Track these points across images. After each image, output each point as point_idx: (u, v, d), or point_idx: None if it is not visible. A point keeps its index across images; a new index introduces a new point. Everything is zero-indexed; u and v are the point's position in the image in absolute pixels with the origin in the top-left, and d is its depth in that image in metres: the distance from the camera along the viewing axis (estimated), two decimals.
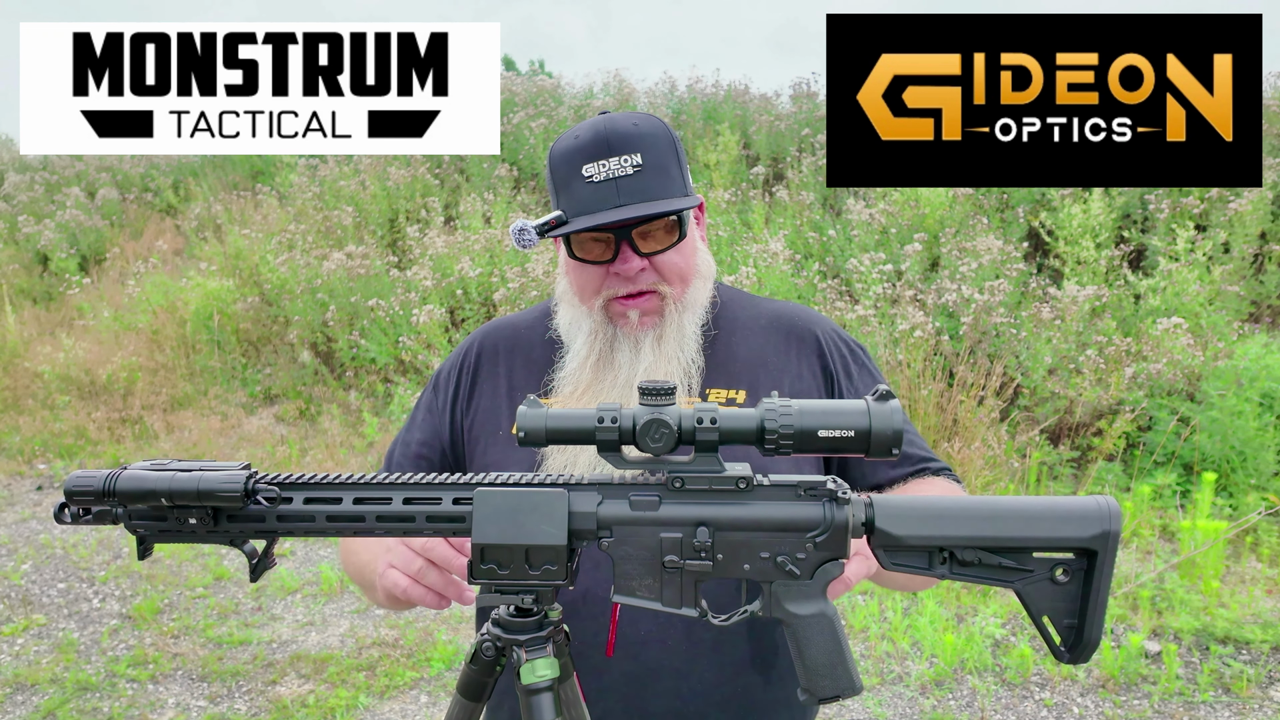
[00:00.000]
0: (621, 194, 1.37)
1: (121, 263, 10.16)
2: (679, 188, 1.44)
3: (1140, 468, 5.19)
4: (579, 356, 1.48)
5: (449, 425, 1.59)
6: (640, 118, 1.44)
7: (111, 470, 1.04)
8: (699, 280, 1.51)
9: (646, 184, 1.39)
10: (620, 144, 1.38)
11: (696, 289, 1.50)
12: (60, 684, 3.99)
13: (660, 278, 1.45)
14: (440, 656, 4.09)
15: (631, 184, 1.38)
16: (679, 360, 1.46)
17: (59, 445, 7.32)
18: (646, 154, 1.39)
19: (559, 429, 1.00)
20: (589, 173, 1.38)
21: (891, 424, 0.97)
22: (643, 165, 1.39)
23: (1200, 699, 3.56)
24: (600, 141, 1.39)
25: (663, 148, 1.42)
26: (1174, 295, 5.83)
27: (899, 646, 4.01)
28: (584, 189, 1.39)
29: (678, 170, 1.45)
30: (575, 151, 1.40)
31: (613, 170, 1.38)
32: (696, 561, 1.04)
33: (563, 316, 1.54)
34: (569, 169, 1.41)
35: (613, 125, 1.40)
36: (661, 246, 1.43)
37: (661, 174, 1.41)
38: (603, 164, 1.38)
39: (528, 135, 9.66)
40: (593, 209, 1.38)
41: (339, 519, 1.06)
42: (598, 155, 1.38)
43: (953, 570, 1.05)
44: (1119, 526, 1.00)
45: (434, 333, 6.83)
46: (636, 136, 1.40)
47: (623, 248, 1.41)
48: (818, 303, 6.13)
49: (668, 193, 1.41)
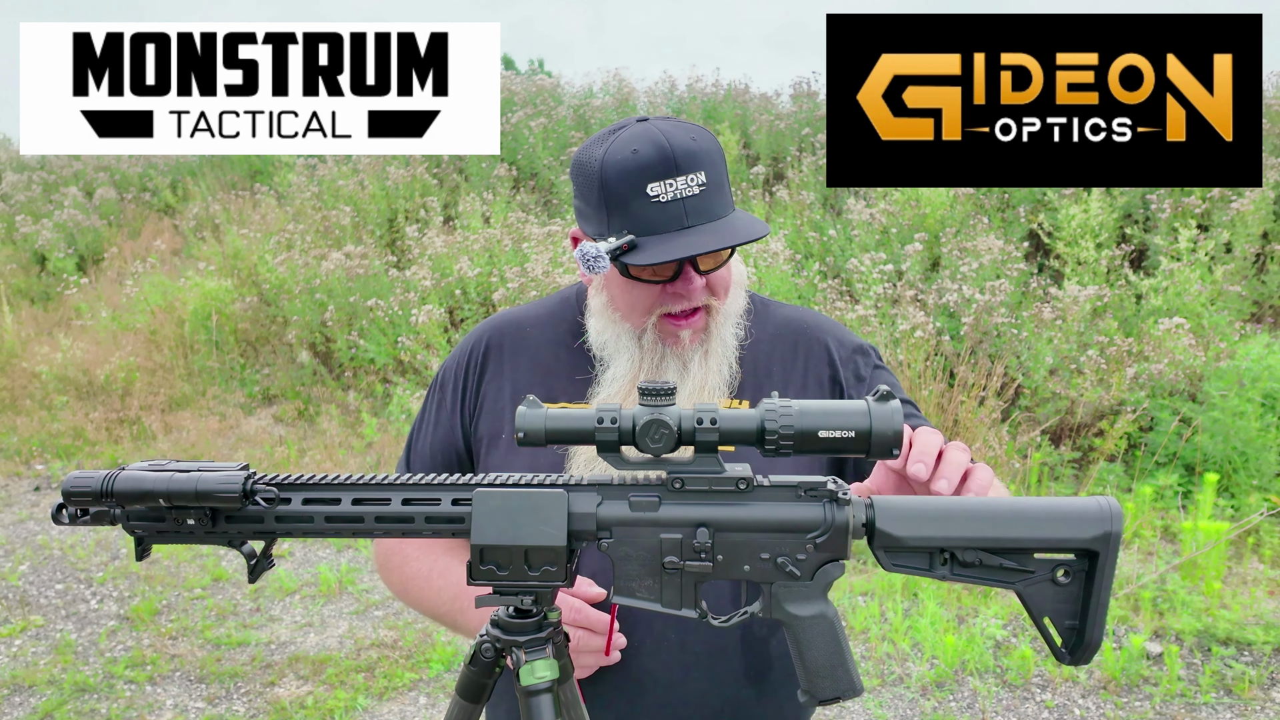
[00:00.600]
0: (689, 215, 1.33)
1: (119, 262, 10.14)
2: (731, 201, 1.42)
3: (1142, 468, 5.19)
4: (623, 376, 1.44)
5: (459, 427, 1.57)
6: (695, 131, 1.38)
7: (109, 471, 1.03)
8: (736, 289, 1.49)
9: (711, 203, 1.35)
10: (687, 162, 1.33)
11: (735, 298, 1.49)
12: (58, 685, 3.98)
13: (711, 293, 1.43)
14: (439, 658, 4.08)
15: (698, 204, 1.34)
16: (722, 374, 1.44)
17: (56, 446, 7.29)
18: (710, 171, 1.36)
19: (558, 429, 1.00)
20: (654, 192, 1.33)
21: (892, 424, 0.96)
22: (707, 184, 1.35)
23: (1202, 701, 3.55)
24: (667, 160, 1.33)
25: (719, 163, 1.39)
26: (1176, 295, 5.83)
27: (899, 648, 4.00)
28: (649, 209, 1.33)
29: (728, 184, 1.42)
30: (637, 170, 1.33)
31: (680, 190, 1.33)
32: (696, 562, 1.04)
33: (597, 330, 1.48)
34: (629, 187, 1.34)
35: (674, 141, 1.34)
36: (719, 264, 1.41)
37: (721, 191, 1.38)
38: (669, 183, 1.33)
39: (527, 135, 9.65)
40: (660, 230, 1.33)
41: (338, 520, 1.05)
42: (665, 174, 1.33)
43: (954, 571, 1.04)
44: (1120, 527, 1.00)
45: (433, 333, 6.81)
46: (701, 154, 1.35)
47: (685, 268, 1.38)
48: (818, 303, 6.12)
49: (726, 209, 1.39)
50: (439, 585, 1.51)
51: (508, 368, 1.55)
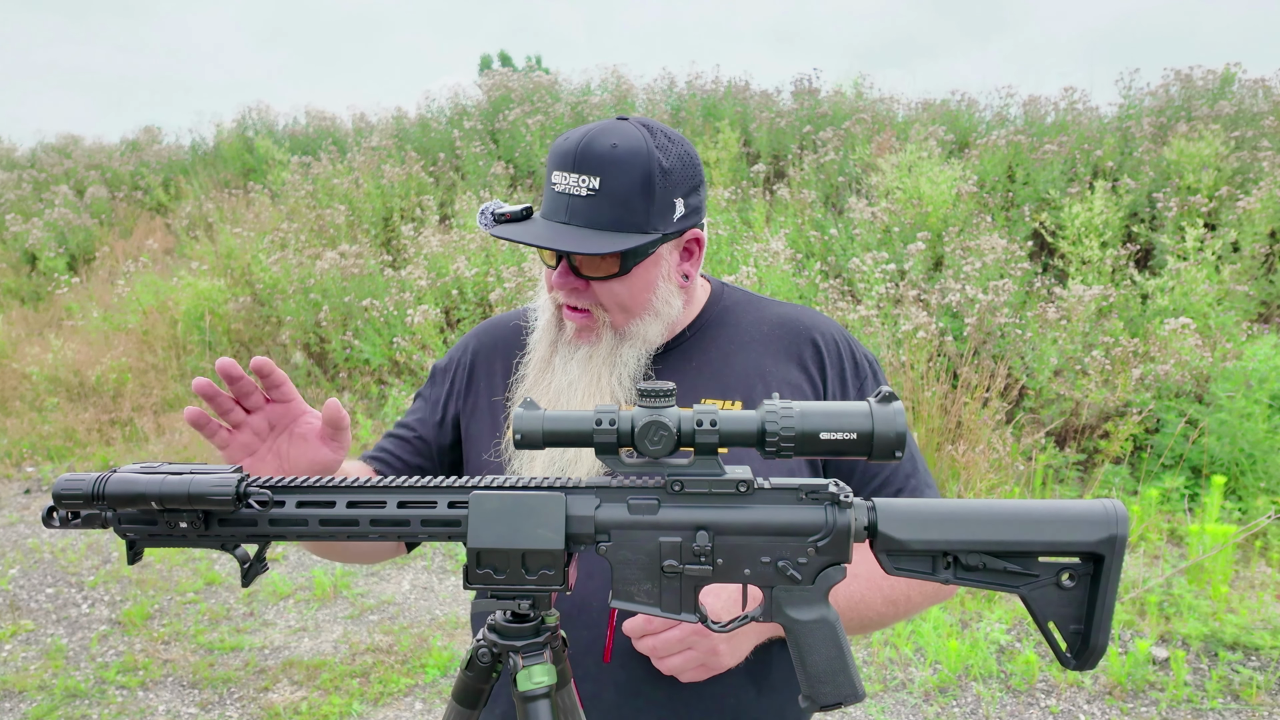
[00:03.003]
0: (569, 212, 1.37)
1: (111, 262, 10.14)
2: (638, 222, 1.37)
3: (1148, 471, 5.19)
4: (536, 350, 1.52)
5: (439, 418, 1.61)
6: (630, 142, 1.36)
7: (101, 473, 1.03)
8: (649, 316, 1.46)
9: (598, 211, 1.35)
10: (584, 163, 1.35)
11: (645, 324, 1.46)
12: (48, 691, 3.94)
13: (598, 302, 1.44)
14: (435, 663, 4.06)
15: (583, 205, 1.36)
16: (604, 383, 1.44)
17: (47, 448, 7.29)
18: (607, 180, 1.35)
19: (556, 431, 0.99)
20: (555, 180, 1.39)
21: (894, 426, 0.96)
22: (597, 191, 1.35)
23: (1209, 706, 3.52)
24: (569, 155, 1.37)
25: (632, 178, 1.35)
26: (1182, 295, 5.83)
27: (902, 653, 3.98)
28: (551, 193, 1.40)
29: (642, 204, 1.36)
30: (555, 154, 1.40)
31: (570, 187, 1.36)
32: (696, 566, 1.03)
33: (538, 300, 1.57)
34: (549, 168, 1.41)
35: (590, 141, 1.36)
36: (599, 275, 1.41)
37: (619, 204, 1.36)
38: (565, 176, 1.37)
39: (524, 132, 9.63)
40: (546, 215, 1.40)
41: (332, 523, 1.05)
42: (564, 166, 1.38)
43: (957, 575, 1.04)
44: (1126, 530, 1.00)
45: (429, 333, 6.81)
46: (607, 160, 1.35)
47: (563, 264, 1.41)
48: (819, 303, 6.11)
49: (620, 225, 1.36)
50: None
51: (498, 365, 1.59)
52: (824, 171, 8.40)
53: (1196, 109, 8.37)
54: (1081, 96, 9.07)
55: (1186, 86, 8.89)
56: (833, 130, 8.91)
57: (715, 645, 1.29)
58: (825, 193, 8.21)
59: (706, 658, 1.30)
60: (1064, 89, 9.20)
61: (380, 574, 5.04)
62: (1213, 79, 8.83)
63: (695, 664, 1.30)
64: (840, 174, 8.32)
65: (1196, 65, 8.95)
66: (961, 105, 9.70)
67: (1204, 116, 8.06)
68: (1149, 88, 9.14)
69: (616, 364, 1.45)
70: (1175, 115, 8.48)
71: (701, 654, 1.29)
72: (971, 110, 9.62)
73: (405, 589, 4.86)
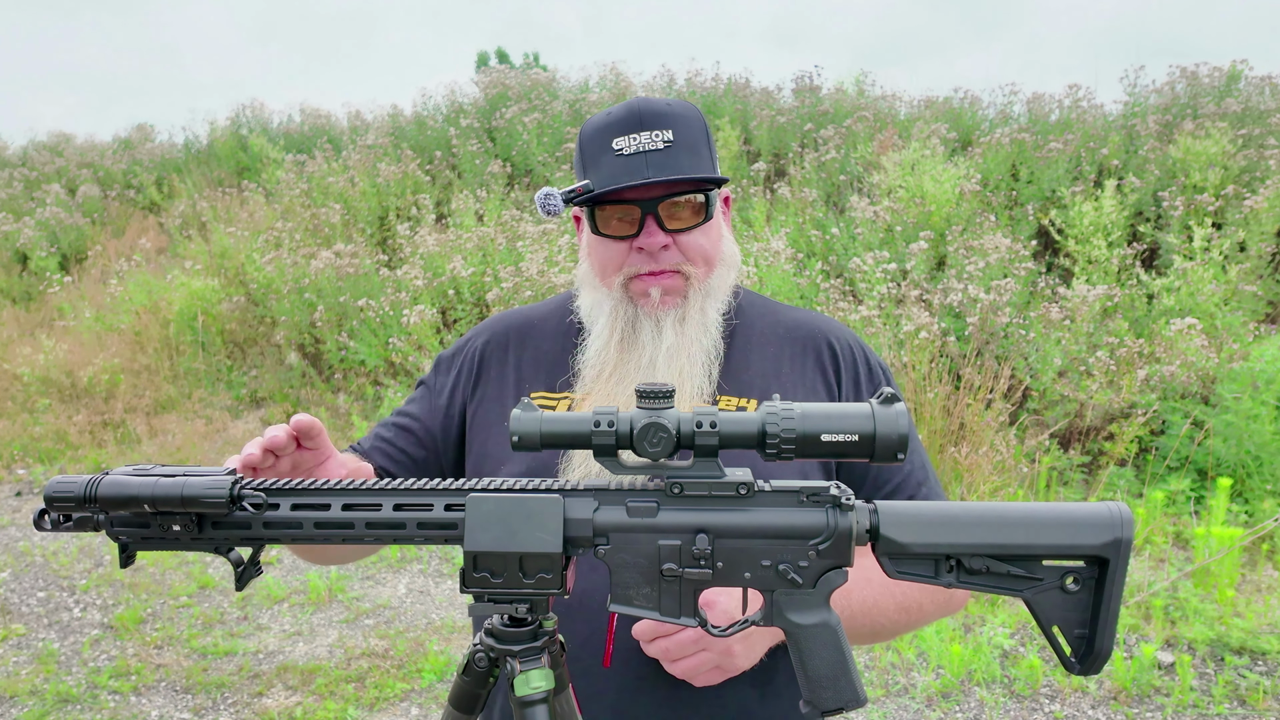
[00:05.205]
0: (651, 167, 1.38)
1: (103, 261, 10.15)
2: (708, 168, 1.44)
3: (1153, 473, 5.18)
4: (601, 338, 1.47)
5: (443, 408, 1.58)
6: (674, 100, 1.46)
7: (93, 475, 1.03)
8: (723, 267, 1.50)
9: (677, 160, 1.40)
10: (652, 119, 1.40)
11: (720, 275, 1.50)
12: (40, 695, 3.93)
13: (684, 258, 1.45)
14: (432, 667, 4.04)
15: (662, 158, 1.39)
16: (701, 344, 1.44)
17: (39, 449, 7.30)
18: (678, 131, 1.41)
19: (554, 433, 0.99)
20: (619, 146, 1.40)
21: (896, 428, 0.95)
22: (674, 141, 1.40)
23: (1215, 711, 3.50)
24: (633, 116, 1.40)
25: (695, 128, 1.43)
26: (1188, 295, 5.83)
27: (904, 657, 3.97)
28: (613, 162, 1.40)
29: (708, 152, 1.45)
30: (606, 127, 1.42)
31: (644, 144, 1.39)
32: (696, 569, 1.03)
33: (584, 301, 1.54)
34: (599, 144, 1.42)
35: (646, 103, 1.42)
36: (686, 225, 1.44)
37: (692, 152, 1.42)
38: (634, 137, 1.39)
39: (521, 131, 9.61)
40: (621, 180, 1.39)
41: (327, 526, 1.05)
42: (629, 129, 1.40)
43: (960, 579, 1.04)
44: (1131, 533, 1.00)
45: (425, 334, 6.80)
46: (670, 114, 1.41)
47: (648, 222, 1.41)
48: (820, 303, 6.09)
49: (697, 170, 1.42)
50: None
51: (511, 357, 1.58)
52: (825, 170, 8.38)
53: (1203, 106, 8.36)
54: (1086, 94, 9.06)
55: (1192, 84, 8.88)
56: (834, 128, 8.90)
57: (730, 646, 1.26)
58: (826, 191, 8.20)
59: (721, 659, 1.27)
60: (1068, 86, 9.19)
61: (376, 577, 5.01)
62: (1219, 76, 8.83)
63: (710, 666, 1.27)
64: (842, 172, 8.31)
65: (1202, 62, 8.96)
66: (965, 103, 9.69)
67: (1210, 114, 8.05)
68: (1154, 85, 9.15)
69: (706, 322, 1.46)
70: (1181, 113, 8.48)
71: (716, 655, 1.27)
72: (975, 108, 9.61)
73: (401, 593, 4.83)
